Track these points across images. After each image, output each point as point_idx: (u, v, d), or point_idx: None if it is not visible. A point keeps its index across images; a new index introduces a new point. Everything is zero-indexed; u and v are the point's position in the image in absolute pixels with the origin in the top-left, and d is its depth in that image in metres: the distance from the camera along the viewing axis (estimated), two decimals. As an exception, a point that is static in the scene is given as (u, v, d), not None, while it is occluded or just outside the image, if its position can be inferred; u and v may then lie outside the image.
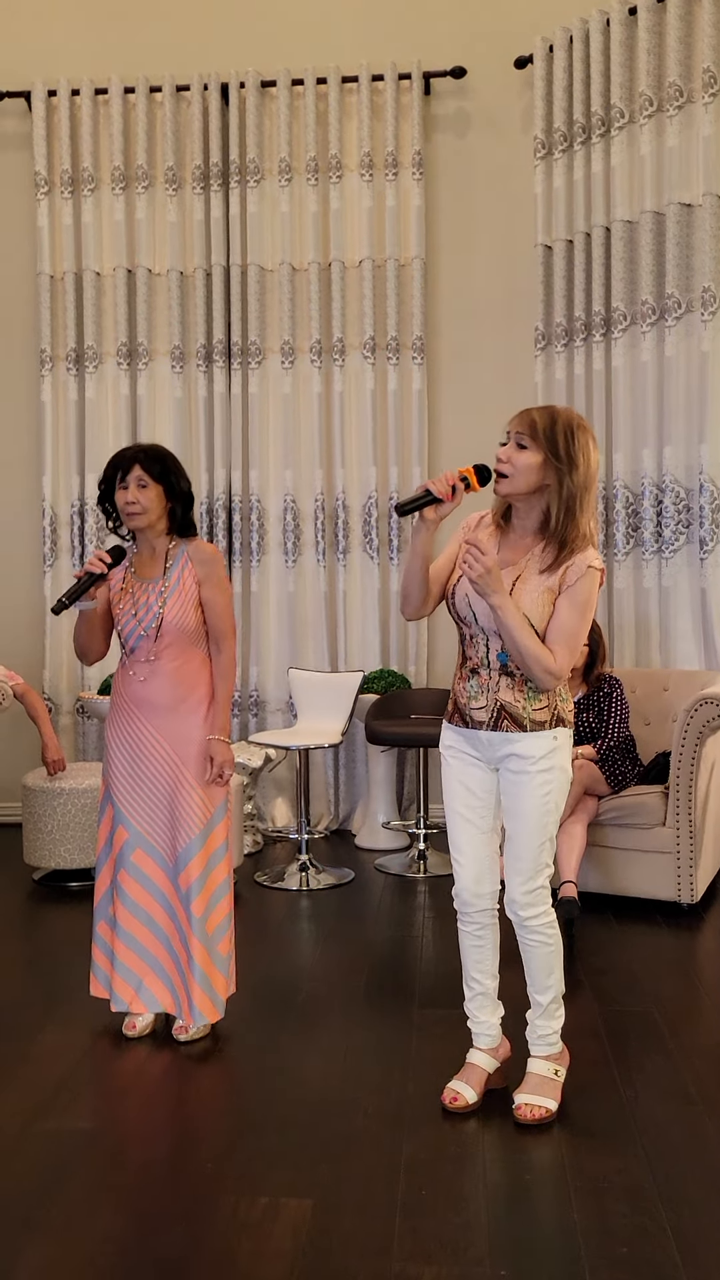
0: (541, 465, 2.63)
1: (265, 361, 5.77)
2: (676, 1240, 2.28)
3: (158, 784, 3.23)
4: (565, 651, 2.64)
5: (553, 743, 2.72)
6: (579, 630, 2.65)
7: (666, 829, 4.38)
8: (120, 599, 3.24)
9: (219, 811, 3.26)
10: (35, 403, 5.98)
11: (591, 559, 2.66)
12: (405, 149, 5.69)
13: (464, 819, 2.83)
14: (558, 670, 2.63)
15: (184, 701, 3.21)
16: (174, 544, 3.25)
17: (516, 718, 2.71)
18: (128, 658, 3.24)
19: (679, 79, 4.98)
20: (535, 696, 2.71)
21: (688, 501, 5.10)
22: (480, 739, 2.77)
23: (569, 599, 2.65)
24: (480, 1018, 2.92)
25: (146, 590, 3.21)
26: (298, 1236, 2.31)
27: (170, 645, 3.19)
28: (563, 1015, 2.88)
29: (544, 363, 5.55)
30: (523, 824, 2.73)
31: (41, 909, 4.58)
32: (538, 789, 2.71)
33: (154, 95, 5.79)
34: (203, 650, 3.26)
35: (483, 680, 2.75)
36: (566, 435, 2.63)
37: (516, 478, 2.65)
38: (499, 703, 2.72)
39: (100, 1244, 2.30)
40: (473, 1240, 2.29)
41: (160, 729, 3.21)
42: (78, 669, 5.95)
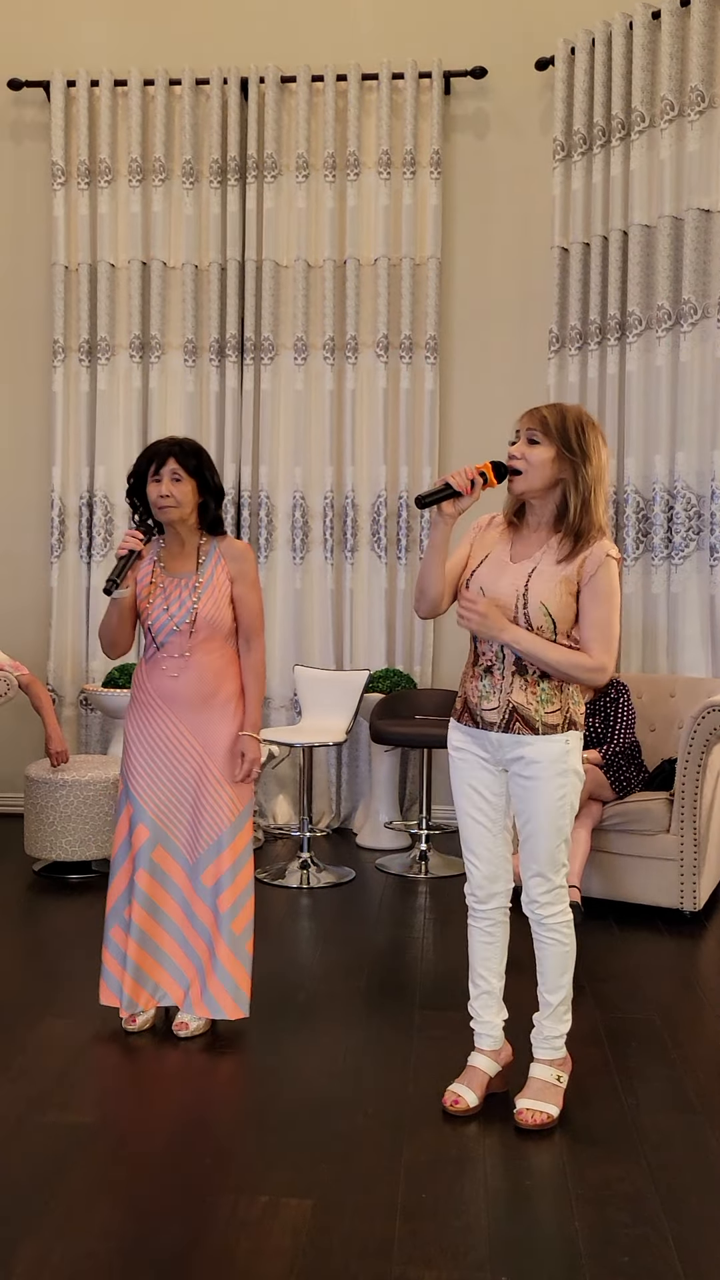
0: (555, 460, 2.65)
1: (278, 357, 5.75)
2: (678, 1250, 2.27)
3: (183, 780, 3.20)
4: (602, 645, 2.65)
5: (565, 746, 2.71)
6: (611, 620, 2.66)
7: (670, 836, 4.37)
8: (150, 593, 3.22)
9: (246, 810, 3.25)
10: (47, 393, 5.97)
11: (608, 548, 2.67)
12: (424, 148, 5.67)
13: (474, 820, 2.83)
14: (598, 665, 2.65)
15: (214, 697, 3.20)
16: (205, 540, 3.25)
17: (529, 720, 2.70)
18: (157, 652, 3.21)
19: (700, 84, 4.96)
20: (548, 699, 2.70)
21: (699, 508, 5.08)
22: (490, 740, 2.76)
23: (592, 593, 2.65)
24: (484, 1018, 2.91)
25: (179, 585, 3.19)
26: (297, 1236, 2.30)
27: (204, 640, 3.18)
28: (570, 1020, 2.87)
29: (557, 365, 5.53)
30: (538, 826, 2.72)
31: (42, 900, 4.57)
32: (552, 792, 2.70)
33: (173, 88, 5.78)
34: (232, 646, 3.26)
35: (496, 680, 2.73)
36: (577, 430, 2.66)
37: (531, 474, 2.67)
38: (511, 704, 2.71)
39: (99, 1239, 2.28)
40: (473, 1245, 2.27)
41: (189, 725, 3.19)
42: (82, 660, 5.93)
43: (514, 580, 2.71)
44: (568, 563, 2.68)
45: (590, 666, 2.65)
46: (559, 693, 2.71)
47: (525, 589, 2.69)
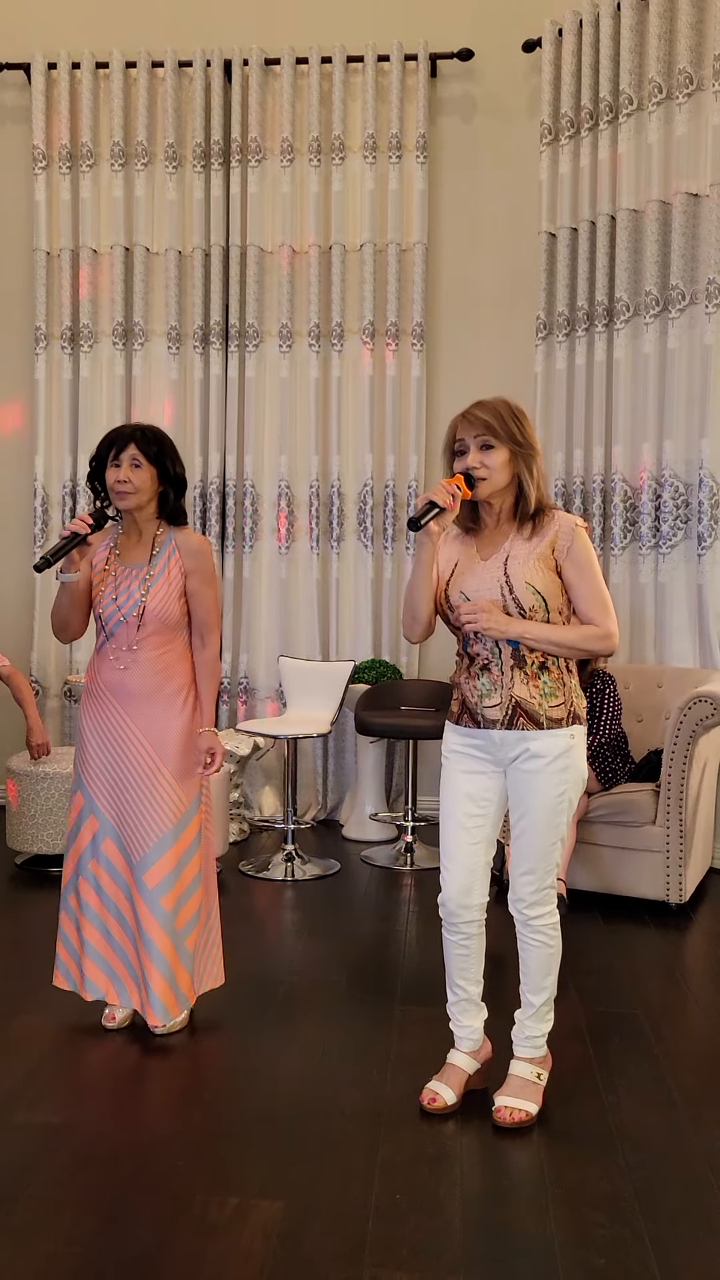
0: (510, 459, 2.68)
1: (263, 345, 5.69)
2: (655, 1251, 2.23)
3: (132, 774, 3.13)
4: (603, 613, 2.67)
5: (569, 740, 2.68)
6: (601, 588, 2.68)
7: (656, 828, 4.33)
8: (101, 580, 3.15)
9: (193, 806, 3.17)
10: (29, 381, 5.90)
11: (574, 519, 2.71)
12: (410, 131, 5.60)
13: (461, 828, 2.75)
14: (607, 631, 2.66)
15: (161, 690, 3.12)
16: (162, 530, 3.16)
17: (533, 715, 2.66)
18: (107, 643, 3.14)
19: (689, 66, 4.89)
20: (552, 692, 2.67)
21: (686, 497, 5.03)
22: (493, 739, 2.71)
23: (575, 566, 2.67)
24: (464, 1021, 2.86)
25: (130, 575, 3.12)
26: (268, 1239, 2.25)
27: (152, 634, 3.10)
28: (552, 1019, 2.83)
29: (544, 352, 5.47)
30: (533, 822, 2.68)
31: (22, 894, 4.52)
32: (553, 788, 2.66)
33: (155, 70, 5.70)
34: (183, 640, 3.18)
35: (494, 677, 2.69)
36: (516, 423, 2.70)
37: (494, 477, 2.68)
38: (514, 699, 2.66)
39: (64, 1244, 2.24)
40: (446, 1247, 2.23)
41: (136, 718, 3.12)
42: (66, 652, 5.88)
43: (492, 574, 2.69)
44: (538, 539, 2.69)
45: (601, 635, 2.66)
46: (561, 685, 2.68)
47: (506, 577, 2.66)
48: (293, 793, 5.06)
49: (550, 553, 2.67)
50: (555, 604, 2.66)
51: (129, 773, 3.13)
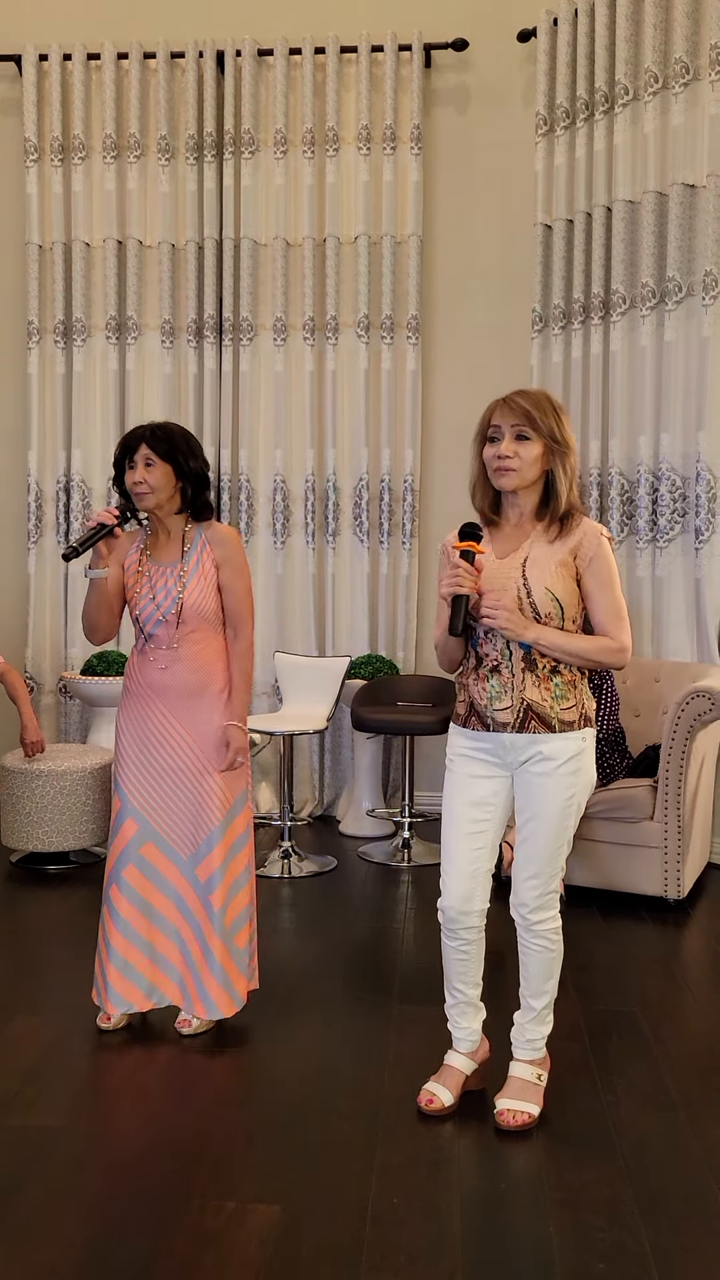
0: (543, 454, 2.61)
1: (257, 338, 5.65)
2: (655, 1256, 2.21)
3: (176, 774, 3.12)
4: (620, 627, 2.63)
5: (581, 744, 2.64)
6: (620, 601, 2.64)
7: (655, 823, 4.31)
8: (136, 582, 3.13)
9: (240, 800, 3.17)
10: (22, 375, 5.86)
11: (600, 528, 2.65)
12: (404, 123, 5.56)
13: (465, 834, 2.70)
14: (622, 645, 2.62)
15: (205, 688, 3.11)
16: (190, 526, 3.14)
17: (544, 718, 2.62)
18: (146, 644, 3.13)
19: (685, 55, 4.85)
20: (564, 695, 2.63)
21: (684, 490, 5.00)
22: (503, 742, 2.66)
23: (596, 578, 2.62)
24: (462, 1023, 2.84)
25: (164, 574, 3.10)
26: (264, 1245, 2.24)
27: (192, 631, 3.09)
28: (552, 1021, 2.81)
29: (540, 345, 5.44)
30: (541, 825, 2.64)
31: (18, 892, 4.50)
32: (561, 791, 2.62)
33: (148, 62, 5.65)
34: (221, 636, 3.16)
35: (505, 679, 2.64)
36: (555, 419, 2.62)
37: (525, 470, 2.60)
38: (525, 702, 2.62)
39: (61, 1250, 2.22)
40: (444, 1252, 2.22)
41: (180, 717, 3.10)
42: (61, 648, 5.85)
43: (509, 575, 2.62)
44: (560, 544, 2.62)
45: (615, 648, 2.62)
46: (573, 688, 2.64)
47: (524, 580, 2.60)
48: (289, 789, 5.04)
49: (573, 560, 2.61)
50: (571, 613, 2.62)
51: (175, 773, 3.12)
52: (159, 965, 3.19)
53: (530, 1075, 2.76)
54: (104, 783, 4.88)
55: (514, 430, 2.59)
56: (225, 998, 3.15)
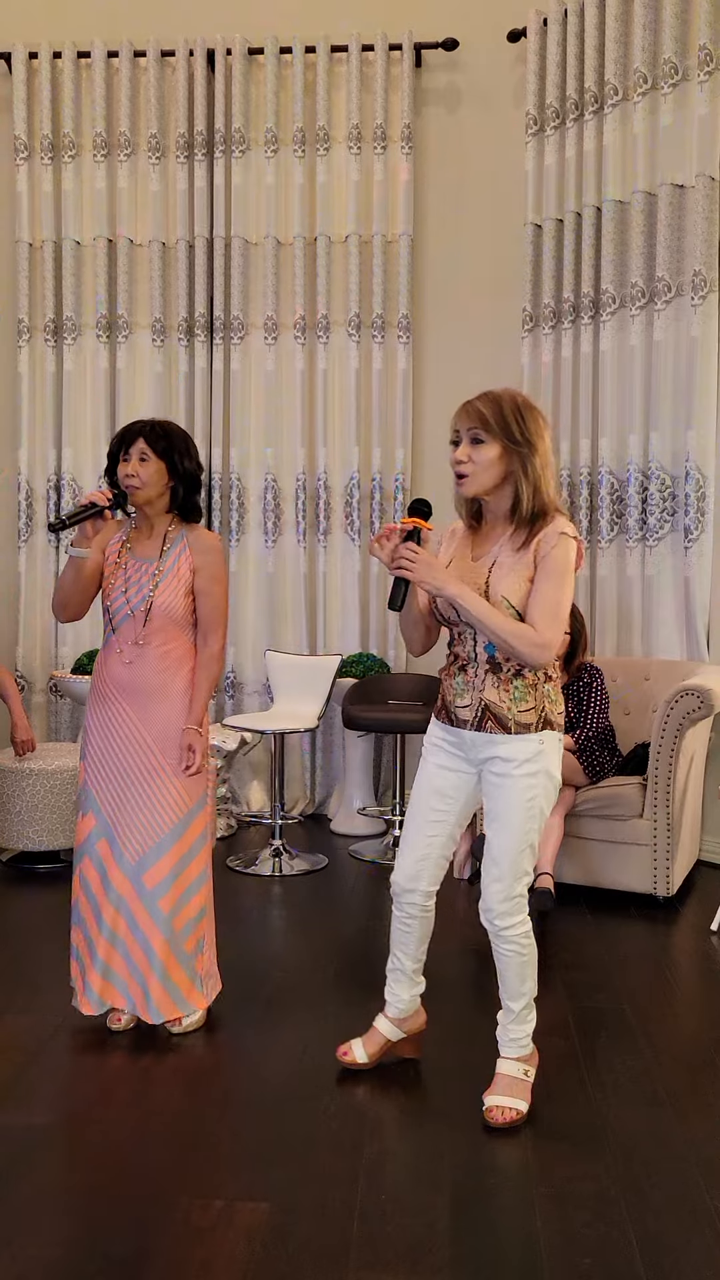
0: (502, 456, 2.58)
1: (248, 337, 5.66)
2: (641, 1251, 2.22)
3: (133, 772, 3.10)
4: (549, 623, 2.54)
5: (538, 746, 2.63)
6: (559, 600, 2.55)
7: (644, 821, 4.32)
8: (112, 573, 3.12)
9: (198, 804, 3.14)
10: (12, 374, 5.85)
11: (563, 526, 2.59)
12: (394, 122, 5.56)
13: (424, 819, 2.78)
14: (544, 641, 2.53)
15: (168, 687, 3.09)
16: (174, 526, 3.14)
17: (500, 719, 2.63)
18: (113, 636, 3.12)
19: (675, 56, 4.86)
20: (522, 697, 2.62)
21: (673, 489, 5.02)
22: (465, 738, 2.71)
23: (544, 570, 2.56)
24: (395, 989, 2.95)
25: (140, 569, 3.10)
26: (252, 1242, 2.24)
27: (159, 630, 3.08)
28: (534, 1019, 2.82)
29: (531, 344, 5.45)
30: (503, 828, 2.66)
31: (9, 891, 4.50)
32: (520, 793, 2.63)
33: (138, 60, 5.65)
34: (190, 637, 3.15)
35: (469, 677, 2.68)
36: (517, 418, 2.57)
37: (479, 475, 2.59)
38: (483, 702, 2.65)
39: (49, 1246, 2.23)
40: (432, 1248, 2.23)
41: (141, 715, 3.09)
42: (52, 647, 5.85)
43: (475, 578, 2.65)
44: (525, 549, 2.61)
45: (535, 641, 2.52)
46: (533, 690, 2.63)
47: (486, 584, 2.62)
48: (280, 787, 5.04)
49: (532, 562, 2.58)
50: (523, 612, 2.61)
51: (131, 770, 3.10)
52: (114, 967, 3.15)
53: (516, 1071, 2.78)
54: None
55: (470, 434, 2.58)
56: (167, 1000, 3.11)
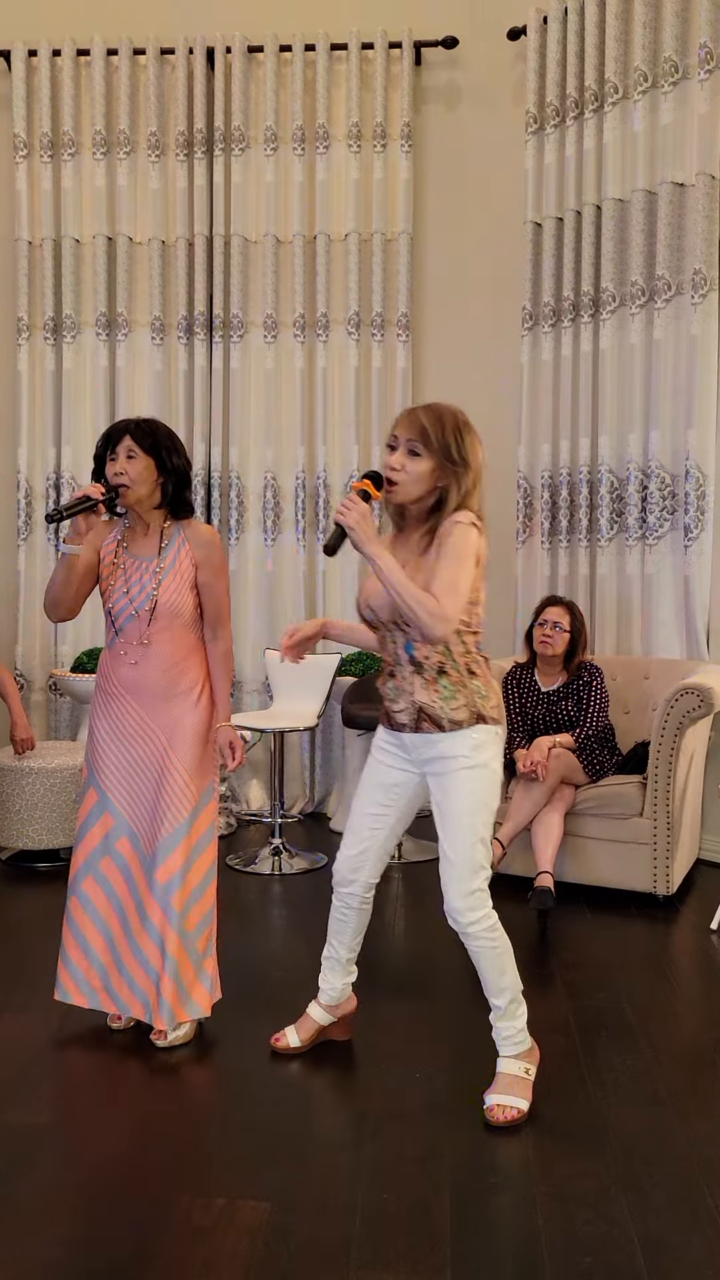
0: (434, 471, 2.63)
1: (247, 335, 5.65)
2: (642, 1249, 2.23)
3: (146, 771, 3.09)
4: (447, 595, 2.55)
5: (474, 741, 2.67)
6: (458, 577, 2.56)
7: (644, 819, 4.32)
8: (111, 574, 3.10)
9: (204, 796, 3.13)
10: (11, 372, 5.85)
11: (459, 516, 2.61)
12: (394, 120, 5.56)
13: (368, 813, 2.89)
14: (442, 613, 2.54)
15: (175, 685, 3.08)
16: (169, 523, 3.12)
17: (435, 718, 2.68)
18: (117, 638, 3.10)
19: (675, 54, 4.86)
20: (451, 695, 2.67)
21: (673, 488, 5.02)
22: (405, 741, 2.78)
23: (442, 552, 2.60)
24: (329, 977, 3.06)
25: (139, 568, 3.07)
26: (254, 1241, 2.24)
27: (163, 628, 3.06)
28: (524, 1012, 2.81)
29: (530, 343, 5.45)
30: (451, 825, 2.69)
31: (7, 890, 4.50)
32: (462, 786, 2.67)
33: (137, 58, 5.64)
34: (195, 633, 3.13)
35: (398, 682, 2.74)
36: (456, 437, 2.62)
37: (409, 485, 2.63)
38: (416, 704, 2.70)
39: (50, 1246, 2.23)
40: (433, 1247, 2.23)
41: (150, 713, 3.08)
42: (51, 645, 5.85)
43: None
44: (432, 551, 2.64)
45: (433, 610, 2.52)
46: (461, 688, 2.68)
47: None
48: (280, 786, 5.04)
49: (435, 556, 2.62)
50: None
51: (144, 769, 3.10)
52: (116, 966, 3.13)
53: (517, 1070, 2.78)
54: (94, 780, 4.88)
55: (408, 444, 2.63)
56: (176, 1000, 3.08)
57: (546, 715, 4.55)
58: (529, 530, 5.52)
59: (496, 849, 4.29)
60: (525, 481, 5.50)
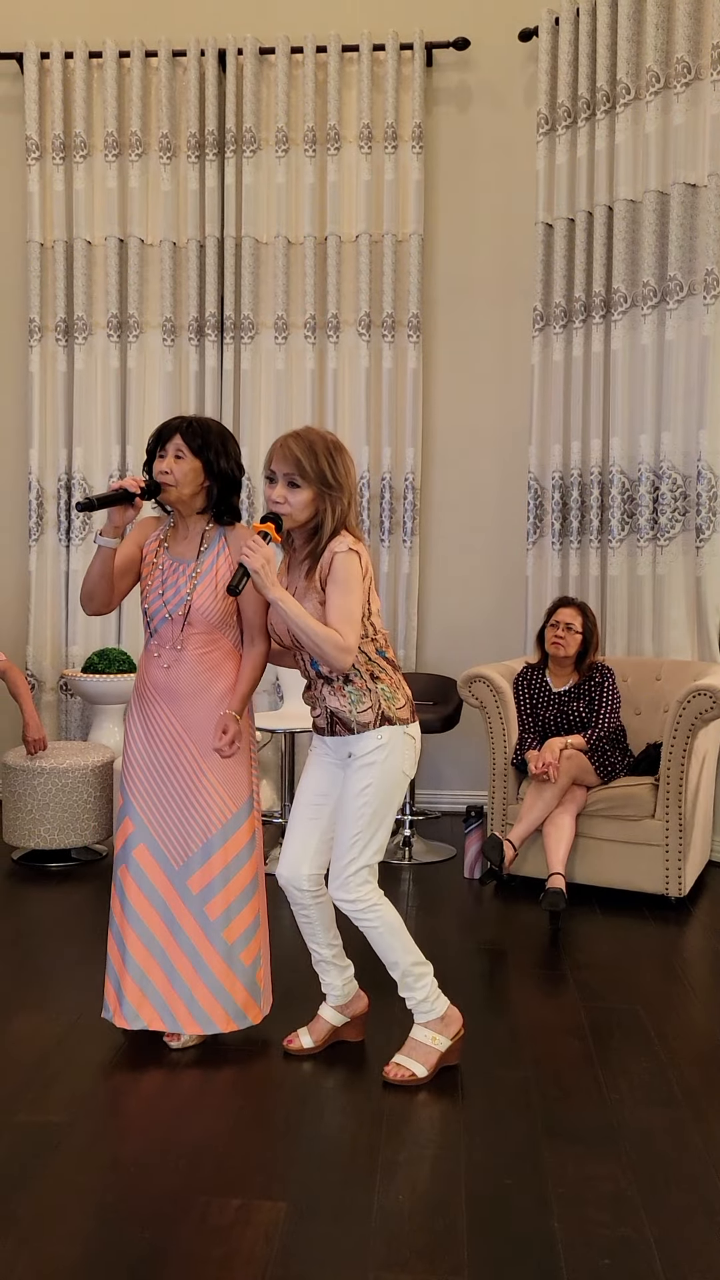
0: (314, 499, 2.79)
1: (258, 336, 5.66)
2: (659, 1251, 2.22)
3: (175, 776, 3.03)
4: (344, 626, 2.76)
5: (378, 741, 2.86)
6: (351, 606, 2.77)
7: (656, 821, 4.32)
8: (149, 574, 3.06)
9: (244, 808, 3.06)
10: (23, 373, 5.87)
11: (337, 545, 2.78)
12: (405, 121, 5.56)
13: (304, 813, 3.01)
14: (346, 645, 2.75)
15: (208, 691, 3.01)
16: (211, 527, 3.05)
17: (345, 721, 2.89)
18: (152, 640, 3.05)
19: (687, 55, 4.86)
20: (358, 700, 2.86)
21: (684, 489, 5.01)
22: (329, 743, 2.99)
23: (331, 583, 2.78)
24: (326, 979, 3.11)
25: (176, 570, 3.02)
26: (270, 1241, 2.24)
27: (197, 633, 3.00)
28: (427, 984, 2.95)
29: (541, 344, 5.45)
30: (344, 813, 2.88)
31: (19, 889, 4.51)
32: (356, 782, 2.86)
33: (149, 60, 5.66)
34: (229, 639, 3.05)
35: (313, 693, 2.94)
36: (329, 463, 2.78)
37: (295, 514, 2.79)
38: (329, 710, 2.90)
39: (66, 1244, 2.23)
40: (450, 1249, 2.23)
41: (182, 718, 3.02)
42: (62, 646, 5.86)
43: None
44: (313, 574, 2.82)
45: (340, 644, 2.74)
46: (366, 693, 2.86)
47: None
48: (290, 786, 5.04)
49: (320, 585, 2.80)
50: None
51: (173, 775, 3.04)
52: (143, 987, 3.07)
53: (425, 1037, 2.95)
54: (105, 780, 4.89)
55: (285, 478, 2.78)
56: (221, 1011, 3.04)
57: (558, 716, 4.55)
58: (540, 531, 5.52)
59: (508, 850, 4.29)
60: (536, 482, 5.50)
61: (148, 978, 3.07)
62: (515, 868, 4.54)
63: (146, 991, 3.07)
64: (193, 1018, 3.06)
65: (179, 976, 3.06)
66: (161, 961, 3.07)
